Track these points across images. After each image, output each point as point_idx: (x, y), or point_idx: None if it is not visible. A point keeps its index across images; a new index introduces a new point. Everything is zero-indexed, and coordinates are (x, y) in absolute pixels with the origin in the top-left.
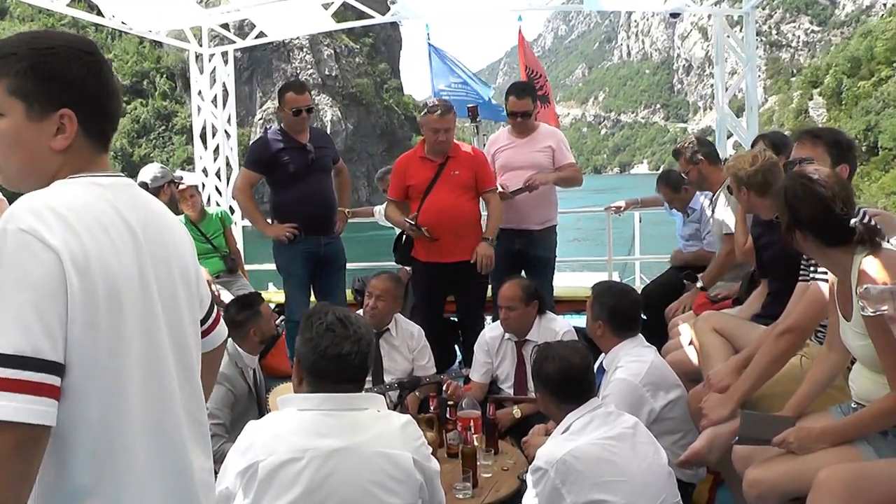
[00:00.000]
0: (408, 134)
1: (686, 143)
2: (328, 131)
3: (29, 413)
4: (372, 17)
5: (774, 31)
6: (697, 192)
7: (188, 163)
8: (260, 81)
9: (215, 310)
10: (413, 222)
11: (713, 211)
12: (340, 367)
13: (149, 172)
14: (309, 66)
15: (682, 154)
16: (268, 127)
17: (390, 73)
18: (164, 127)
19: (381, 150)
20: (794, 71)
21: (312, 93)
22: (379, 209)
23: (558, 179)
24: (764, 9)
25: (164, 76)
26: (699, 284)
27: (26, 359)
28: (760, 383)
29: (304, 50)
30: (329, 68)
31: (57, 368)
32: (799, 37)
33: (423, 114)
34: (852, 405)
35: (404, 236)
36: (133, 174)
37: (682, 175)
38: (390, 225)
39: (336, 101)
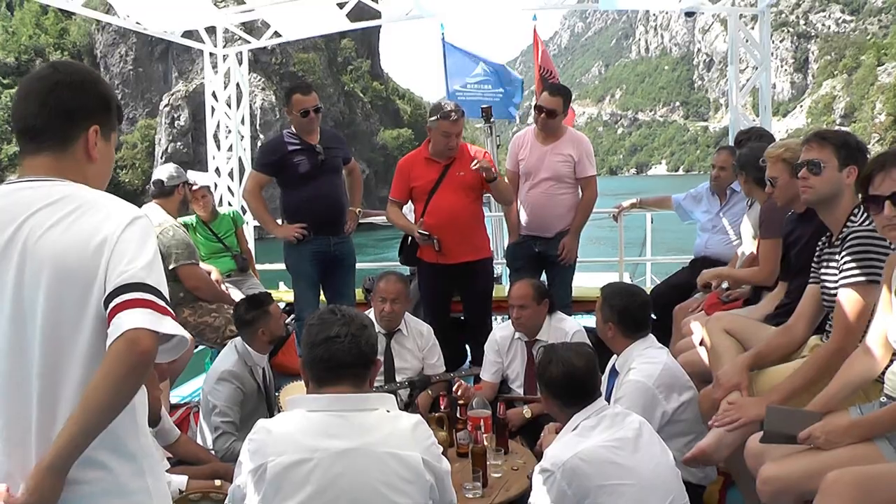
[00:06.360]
0: (374, 127)
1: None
2: (258, 120)
3: None
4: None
5: (802, 21)
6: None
7: None
8: (176, 58)
9: (122, 296)
10: (425, 232)
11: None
12: (331, 350)
13: (165, 171)
14: (237, 38)
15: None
16: (174, 116)
17: (363, 52)
18: None
19: None
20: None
21: (240, 71)
22: None
23: (580, 228)
24: None
25: (67, 53)
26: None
27: None
28: (802, 390)
29: None
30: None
31: None
32: (829, 27)
33: (434, 117)
34: (881, 400)
35: (409, 238)
36: None
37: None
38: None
39: (271, 81)
